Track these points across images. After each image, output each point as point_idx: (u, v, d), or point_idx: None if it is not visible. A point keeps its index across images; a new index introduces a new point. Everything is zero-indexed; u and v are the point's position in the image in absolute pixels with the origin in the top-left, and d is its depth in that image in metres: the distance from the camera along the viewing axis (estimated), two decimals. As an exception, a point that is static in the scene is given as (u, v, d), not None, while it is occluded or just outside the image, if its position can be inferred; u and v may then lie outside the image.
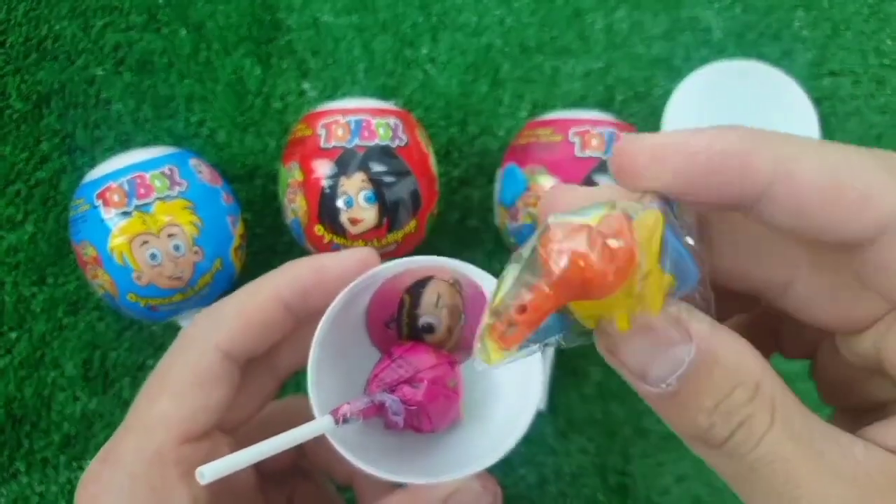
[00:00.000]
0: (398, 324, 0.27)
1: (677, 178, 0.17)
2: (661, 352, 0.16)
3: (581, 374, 0.46)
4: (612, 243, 0.15)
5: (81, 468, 0.43)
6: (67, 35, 0.48)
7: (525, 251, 0.16)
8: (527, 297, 0.15)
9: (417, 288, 0.26)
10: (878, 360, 0.19)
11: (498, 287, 0.16)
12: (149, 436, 0.23)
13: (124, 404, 0.44)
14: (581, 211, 0.16)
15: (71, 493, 0.43)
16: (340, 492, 0.37)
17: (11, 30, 0.47)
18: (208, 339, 0.24)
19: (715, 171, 0.17)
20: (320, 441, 0.28)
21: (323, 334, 0.23)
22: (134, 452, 0.22)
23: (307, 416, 0.31)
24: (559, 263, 0.15)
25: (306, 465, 0.34)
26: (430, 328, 0.27)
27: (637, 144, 0.17)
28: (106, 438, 0.43)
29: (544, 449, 0.44)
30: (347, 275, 0.24)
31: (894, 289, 0.17)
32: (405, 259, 0.24)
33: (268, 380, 0.27)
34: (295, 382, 0.29)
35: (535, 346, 0.17)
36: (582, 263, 0.15)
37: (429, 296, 0.26)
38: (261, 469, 0.28)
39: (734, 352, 0.17)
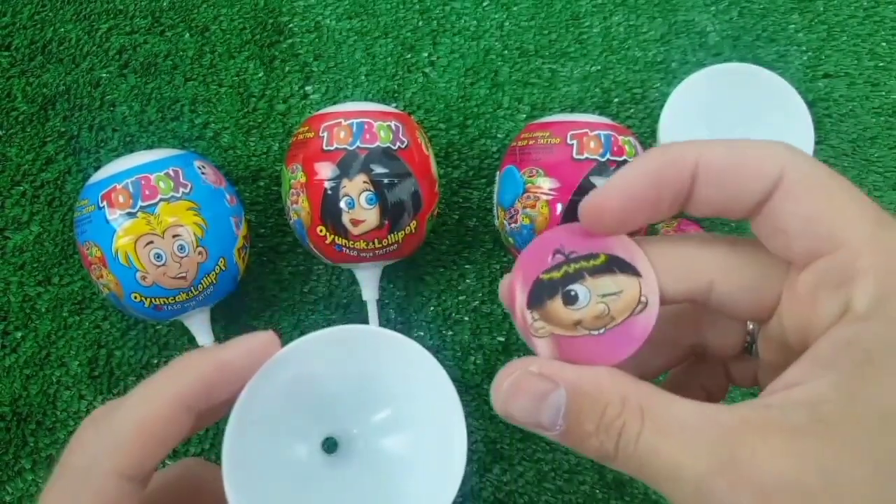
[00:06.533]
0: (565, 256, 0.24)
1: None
2: (542, 403, 0.20)
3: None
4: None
5: (86, 465, 0.44)
6: (72, 38, 0.48)
7: None
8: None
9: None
10: (784, 337, 0.21)
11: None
12: None
13: (129, 402, 0.44)
14: None
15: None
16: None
17: (17, 33, 0.48)
18: (104, 465, 0.21)
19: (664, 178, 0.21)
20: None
21: (234, 432, 0.23)
22: None
23: (206, 481, 0.28)
24: None
25: None
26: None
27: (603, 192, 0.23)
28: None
29: (542, 445, 0.45)
30: (252, 365, 0.23)
31: (787, 243, 0.20)
32: (309, 336, 0.24)
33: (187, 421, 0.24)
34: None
35: None
36: None
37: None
38: None
39: (594, 382, 0.20)
